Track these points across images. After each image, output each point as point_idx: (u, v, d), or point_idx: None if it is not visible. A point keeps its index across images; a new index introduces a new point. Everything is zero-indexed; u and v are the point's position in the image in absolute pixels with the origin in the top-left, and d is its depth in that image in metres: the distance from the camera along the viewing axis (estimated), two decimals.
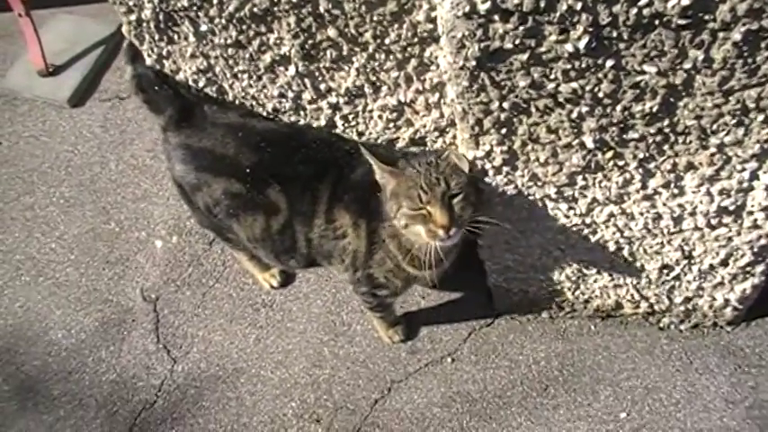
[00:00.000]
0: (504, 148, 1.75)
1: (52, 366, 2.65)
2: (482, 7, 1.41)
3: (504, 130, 1.70)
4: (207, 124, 2.12)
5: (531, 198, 1.92)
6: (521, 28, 1.44)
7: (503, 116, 1.66)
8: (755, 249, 2.02)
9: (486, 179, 1.87)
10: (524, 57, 1.50)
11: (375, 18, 1.84)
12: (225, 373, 2.56)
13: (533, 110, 1.63)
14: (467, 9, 1.42)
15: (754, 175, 1.77)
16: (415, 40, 1.89)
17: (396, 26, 1.86)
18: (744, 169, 1.76)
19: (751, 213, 1.89)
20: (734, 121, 1.62)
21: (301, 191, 2.05)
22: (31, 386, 2.62)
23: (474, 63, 1.52)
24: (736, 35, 1.41)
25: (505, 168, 1.82)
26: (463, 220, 1.85)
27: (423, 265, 1.97)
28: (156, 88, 2.17)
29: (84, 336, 2.70)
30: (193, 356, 2.61)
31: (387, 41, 1.91)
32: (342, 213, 2.04)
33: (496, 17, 1.43)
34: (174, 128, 2.13)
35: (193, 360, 2.60)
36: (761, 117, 1.60)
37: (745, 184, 1.80)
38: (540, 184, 1.86)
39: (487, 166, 1.82)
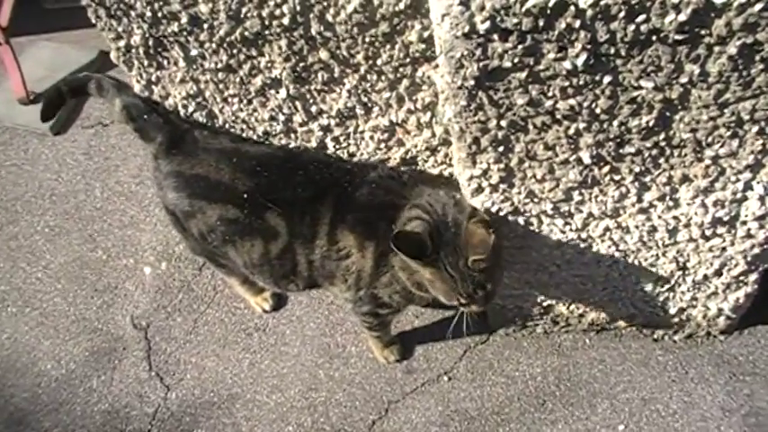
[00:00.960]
0: (502, 165, 1.76)
1: (42, 398, 2.61)
2: (481, 27, 1.42)
3: (501, 148, 1.71)
4: (198, 150, 2.10)
5: (527, 215, 1.92)
6: (519, 47, 1.45)
7: (500, 134, 1.67)
8: (749, 258, 2.04)
9: (483, 197, 1.88)
10: (523, 75, 1.51)
11: (367, 39, 1.85)
12: (220, 398, 2.54)
13: (531, 127, 1.64)
14: (466, 29, 1.42)
15: (748, 186, 1.79)
16: (407, 60, 1.90)
17: (388, 47, 1.87)
18: (738, 180, 1.77)
19: (744, 223, 1.91)
20: (729, 133, 1.64)
21: (301, 213, 2.03)
22: (20, 418, 2.57)
23: (473, 82, 1.53)
24: (732, 49, 1.43)
25: (502, 186, 1.83)
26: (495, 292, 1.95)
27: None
28: (146, 116, 2.16)
29: (74, 366, 2.66)
30: (187, 383, 2.58)
31: (378, 62, 1.91)
32: (345, 234, 2.02)
33: (495, 36, 1.44)
34: (165, 155, 2.12)
35: (187, 387, 2.57)
36: (755, 128, 1.62)
37: (740, 195, 1.82)
38: (536, 200, 1.87)
39: (484, 183, 1.82)
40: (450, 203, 1.92)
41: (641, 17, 1.38)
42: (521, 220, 1.95)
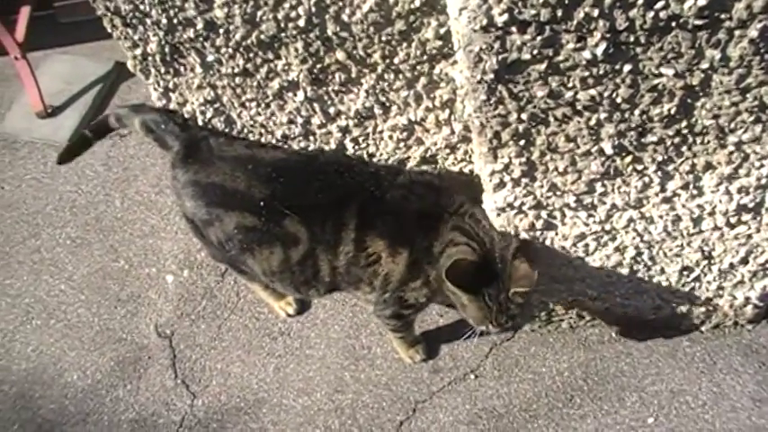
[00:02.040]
0: (523, 159, 1.75)
1: (69, 409, 2.62)
2: (499, 20, 1.41)
3: (522, 142, 1.70)
4: (214, 158, 2.11)
5: (550, 208, 1.91)
6: (538, 38, 1.44)
7: (521, 127, 1.66)
8: None
9: (505, 191, 1.87)
10: (542, 67, 1.51)
11: (383, 38, 1.85)
12: (246, 404, 2.54)
13: (551, 119, 1.63)
14: (484, 22, 1.42)
15: None
16: (424, 57, 1.90)
17: (404, 45, 1.87)
18: (762, 166, 1.76)
19: None
20: (751, 119, 1.62)
21: (322, 219, 2.03)
22: (48, 430, 2.59)
23: (492, 76, 1.52)
24: (753, 32, 1.41)
25: (524, 180, 1.82)
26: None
27: None
28: (163, 126, 2.18)
29: (99, 376, 2.67)
30: (213, 390, 2.58)
31: (396, 61, 1.91)
32: (375, 240, 2.02)
33: (514, 29, 1.43)
34: (182, 164, 2.12)
35: (213, 393, 2.58)
36: None
37: (764, 181, 1.80)
38: (559, 193, 1.86)
39: (506, 178, 1.82)
40: (496, 234, 1.99)
41: (660, 3, 1.36)
42: (544, 214, 1.93)
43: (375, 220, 2.02)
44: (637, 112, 1.60)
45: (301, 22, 1.82)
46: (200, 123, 2.21)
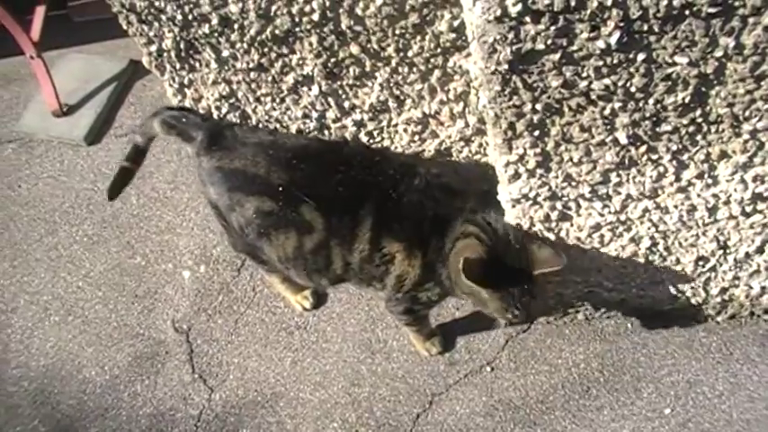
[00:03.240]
0: (538, 150, 1.75)
1: (88, 404, 2.64)
2: (513, 10, 1.41)
3: (536, 132, 1.70)
4: (237, 144, 2.12)
5: (565, 199, 1.91)
6: (552, 28, 1.45)
7: (535, 118, 1.66)
8: None
9: (520, 182, 1.87)
10: (556, 56, 1.51)
11: (397, 31, 1.85)
12: (263, 398, 2.55)
13: (566, 109, 1.64)
14: (498, 13, 1.42)
15: None
16: (438, 50, 1.90)
17: (418, 38, 1.88)
18: None
19: None
20: (766, 107, 1.62)
21: (340, 212, 2.03)
22: (67, 426, 2.61)
23: (506, 67, 1.53)
24: (767, 19, 1.41)
25: (539, 171, 1.82)
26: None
27: None
28: (184, 119, 2.19)
29: (117, 371, 2.69)
30: (230, 384, 2.60)
31: (409, 54, 1.92)
32: (391, 241, 2.03)
33: (527, 19, 1.43)
34: (206, 152, 2.13)
35: (230, 388, 2.59)
36: None
37: None
38: (574, 183, 1.86)
39: (521, 169, 1.82)
40: (508, 225, 2.01)
41: None
42: (559, 205, 1.94)
43: (392, 222, 2.03)
44: (651, 101, 1.60)
45: (315, 17, 1.83)
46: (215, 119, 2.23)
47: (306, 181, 2.05)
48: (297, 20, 1.86)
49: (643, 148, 1.74)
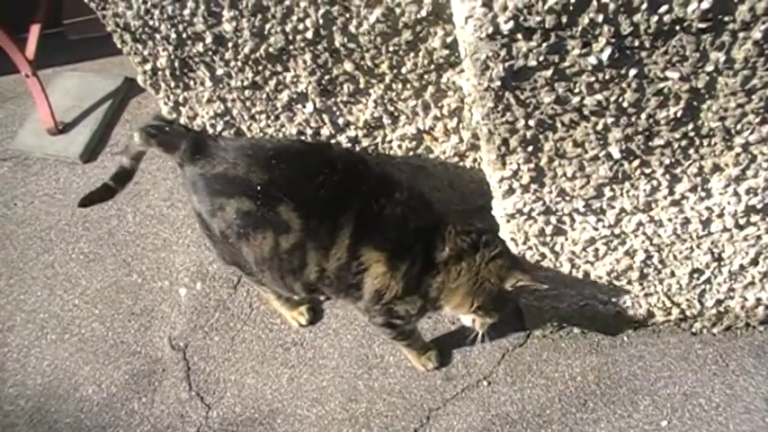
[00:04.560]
0: (531, 165, 1.76)
1: (85, 423, 2.64)
2: (505, 27, 1.42)
3: (530, 148, 1.71)
4: (219, 151, 2.10)
5: (559, 213, 1.92)
6: (544, 45, 1.46)
7: (529, 134, 1.67)
8: None
9: (514, 198, 1.88)
10: (548, 73, 1.52)
11: (391, 48, 1.86)
12: (261, 415, 2.55)
13: (559, 125, 1.65)
14: (490, 30, 1.43)
15: None
16: (432, 66, 1.91)
17: (411, 55, 1.89)
18: None
19: None
20: (758, 120, 1.63)
21: (319, 216, 2.02)
22: None
23: (499, 83, 1.54)
24: (757, 34, 1.42)
25: (533, 186, 1.83)
26: None
27: None
28: (167, 128, 2.20)
29: (114, 389, 2.69)
30: (228, 401, 2.60)
31: (403, 71, 1.93)
32: (370, 251, 2.02)
33: (519, 36, 1.44)
34: (190, 161, 2.11)
35: (228, 405, 2.59)
36: None
37: None
38: (567, 198, 1.87)
39: (515, 184, 1.83)
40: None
41: (664, 7, 1.38)
42: (553, 220, 1.94)
43: (373, 233, 2.02)
44: (643, 115, 1.61)
45: (309, 35, 1.84)
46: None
47: (285, 180, 2.03)
48: (291, 38, 1.87)
49: (636, 163, 1.75)
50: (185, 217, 3.02)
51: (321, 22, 1.81)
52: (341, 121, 2.11)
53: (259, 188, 2.02)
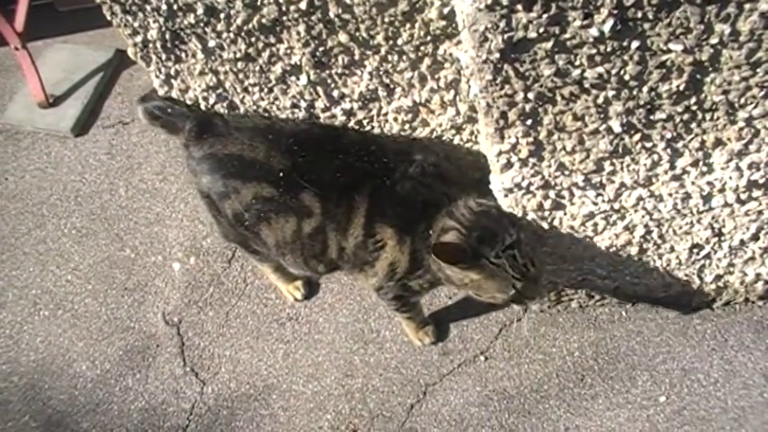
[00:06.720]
0: (530, 139, 1.73)
1: (79, 399, 2.62)
2: None
3: (529, 121, 1.68)
4: (231, 130, 2.09)
5: (558, 188, 1.89)
6: (544, 16, 1.42)
7: (528, 107, 1.64)
8: None
9: (512, 172, 1.85)
10: (548, 45, 1.48)
11: (386, 19, 1.82)
12: (256, 390, 2.53)
13: (559, 98, 1.61)
14: (489, 1, 1.39)
15: None
16: (428, 38, 1.88)
17: (407, 26, 1.85)
18: None
19: None
20: (762, 93, 1.60)
21: (337, 198, 2.01)
22: (59, 421, 2.59)
23: (498, 55, 1.50)
24: (764, 5, 1.39)
25: (532, 160, 1.80)
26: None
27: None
28: (169, 110, 2.16)
29: (108, 365, 2.67)
30: (222, 377, 2.58)
31: (399, 42, 1.89)
32: (384, 228, 2.01)
33: (519, 6, 1.41)
34: (196, 141, 2.10)
35: (223, 380, 2.57)
36: None
37: None
38: (567, 172, 1.84)
39: (513, 158, 1.80)
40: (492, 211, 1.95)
41: None
42: (552, 194, 1.92)
43: (386, 209, 2.00)
44: (645, 89, 1.58)
45: (303, 5, 1.80)
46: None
47: (306, 166, 2.02)
48: (284, 9, 1.83)
49: (637, 137, 1.72)
50: (178, 191, 2.99)
51: None
52: (335, 93, 2.08)
53: (281, 174, 2.01)
